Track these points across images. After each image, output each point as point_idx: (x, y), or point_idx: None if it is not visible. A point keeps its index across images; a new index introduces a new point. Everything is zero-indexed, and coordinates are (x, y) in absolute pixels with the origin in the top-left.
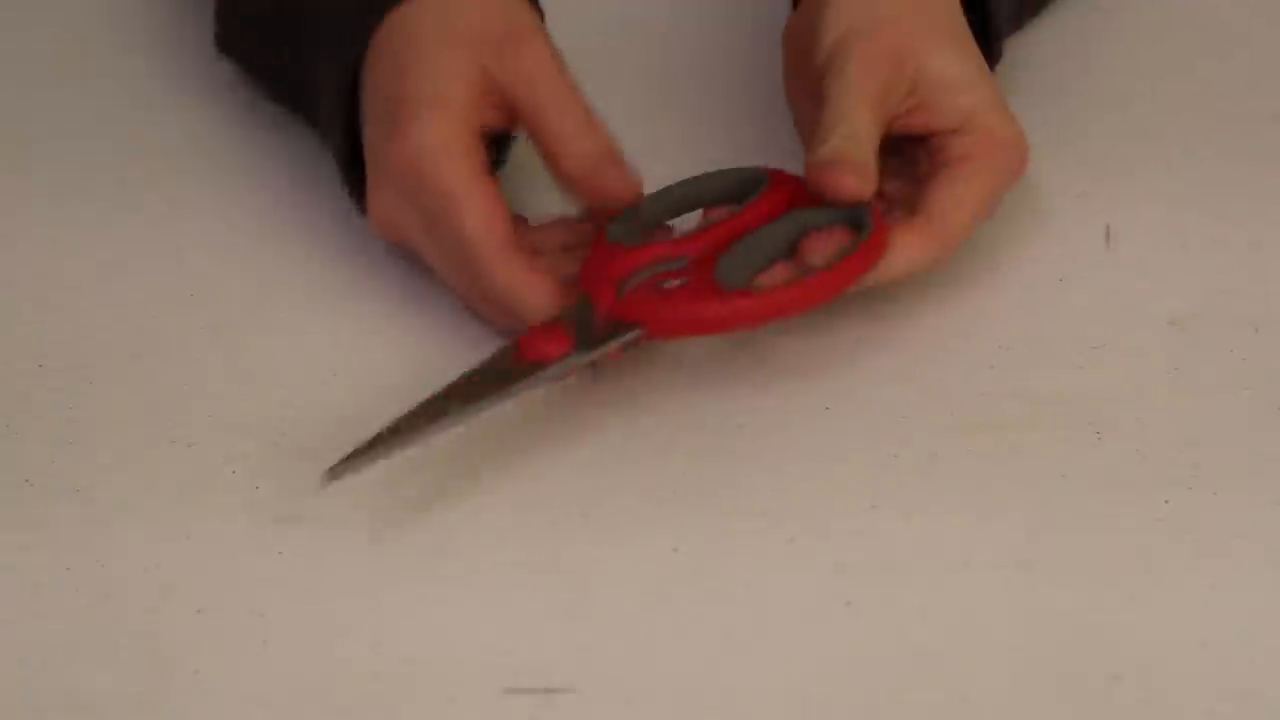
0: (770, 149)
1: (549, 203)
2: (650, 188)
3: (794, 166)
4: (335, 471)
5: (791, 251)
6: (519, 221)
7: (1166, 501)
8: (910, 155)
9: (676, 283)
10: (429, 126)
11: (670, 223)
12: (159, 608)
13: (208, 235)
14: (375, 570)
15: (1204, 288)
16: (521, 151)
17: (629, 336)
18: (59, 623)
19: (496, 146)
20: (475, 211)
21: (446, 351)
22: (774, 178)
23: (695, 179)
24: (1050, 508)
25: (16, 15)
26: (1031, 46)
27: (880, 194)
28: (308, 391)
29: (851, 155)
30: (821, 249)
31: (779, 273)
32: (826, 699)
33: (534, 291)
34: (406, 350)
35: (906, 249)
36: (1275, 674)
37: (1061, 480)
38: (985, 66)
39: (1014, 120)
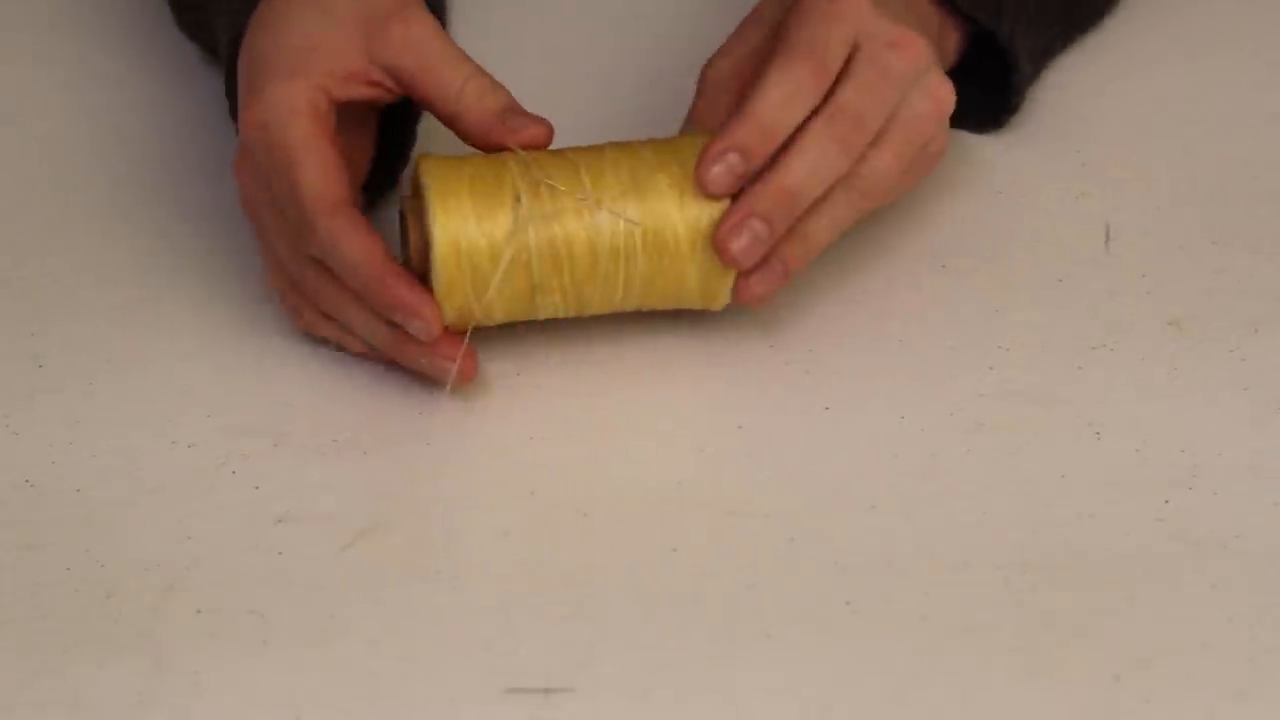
0: None
1: None
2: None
3: None
4: None
5: None
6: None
7: (1166, 501)
8: None
9: None
10: (280, 90)
11: None
12: (159, 608)
13: (207, 235)
14: (375, 570)
15: (1204, 288)
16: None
17: None
18: (59, 623)
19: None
20: (311, 167)
21: None
22: None
23: None
24: (1050, 508)
25: (14, 15)
26: None
27: None
28: (308, 391)
29: None
30: None
31: None
32: (826, 699)
33: (355, 247)
34: None
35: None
36: (1275, 674)
37: (1061, 480)
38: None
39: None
